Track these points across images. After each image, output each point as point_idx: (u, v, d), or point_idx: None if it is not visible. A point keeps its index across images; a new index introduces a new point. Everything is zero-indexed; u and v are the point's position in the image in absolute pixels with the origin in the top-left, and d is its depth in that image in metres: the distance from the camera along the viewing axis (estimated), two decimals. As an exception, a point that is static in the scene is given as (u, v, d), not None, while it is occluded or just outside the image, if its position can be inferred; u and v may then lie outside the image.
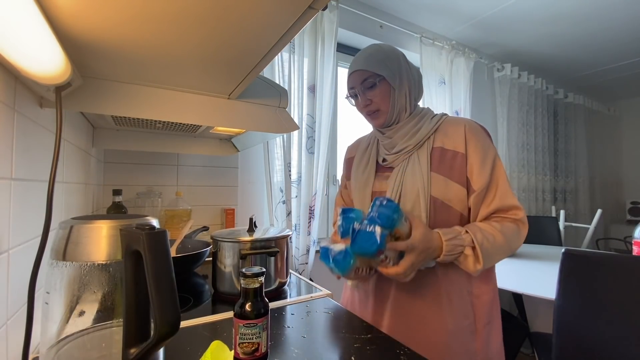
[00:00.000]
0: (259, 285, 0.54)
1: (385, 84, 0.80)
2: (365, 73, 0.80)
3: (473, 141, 0.75)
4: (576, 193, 3.45)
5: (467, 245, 0.69)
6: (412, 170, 0.78)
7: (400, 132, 0.81)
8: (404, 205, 0.77)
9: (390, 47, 0.84)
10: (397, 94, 0.80)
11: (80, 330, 0.42)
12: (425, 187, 0.75)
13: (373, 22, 2.04)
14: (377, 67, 0.79)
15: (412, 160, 0.79)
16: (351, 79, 0.84)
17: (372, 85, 0.80)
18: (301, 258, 1.63)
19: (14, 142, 0.51)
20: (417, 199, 0.76)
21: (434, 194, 0.75)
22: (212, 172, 1.56)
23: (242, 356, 0.52)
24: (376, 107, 0.81)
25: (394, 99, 0.80)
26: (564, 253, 1.07)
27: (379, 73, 0.79)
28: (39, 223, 0.46)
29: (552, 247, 2.15)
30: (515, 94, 2.76)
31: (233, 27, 0.48)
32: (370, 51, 0.82)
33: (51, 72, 0.47)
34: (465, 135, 0.76)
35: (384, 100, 0.80)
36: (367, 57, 0.81)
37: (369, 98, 0.81)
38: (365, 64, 0.80)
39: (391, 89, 0.80)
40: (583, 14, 2.15)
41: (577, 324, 1.04)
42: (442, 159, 0.77)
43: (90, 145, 1.12)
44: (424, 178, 0.76)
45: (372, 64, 0.80)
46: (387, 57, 0.80)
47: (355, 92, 0.83)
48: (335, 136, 1.99)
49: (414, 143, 0.79)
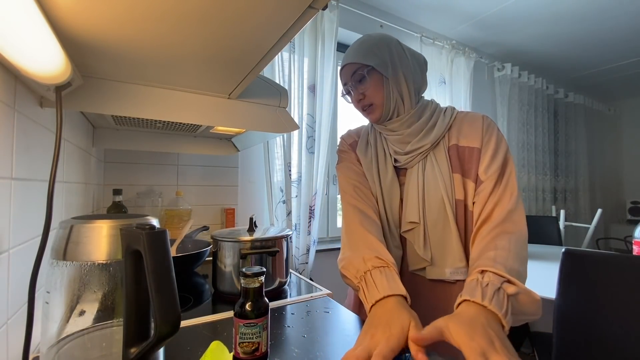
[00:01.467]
0: (259, 285, 0.54)
1: (375, 74, 0.72)
2: (354, 65, 0.74)
3: (489, 134, 0.69)
4: (576, 192, 3.45)
5: (501, 282, 0.54)
6: (433, 174, 0.71)
7: (411, 129, 0.73)
8: (429, 212, 0.69)
9: (380, 34, 0.77)
10: (391, 84, 0.72)
11: (81, 330, 0.42)
12: (449, 191, 0.68)
13: (373, 22, 2.04)
14: (364, 57, 0.72)
15: (429, 161, 0.72)
16: (342, 74, 0.78)
17: (361, 77, 0.73)
18: (301, 258, 1.63)
19: (14, 142, 0.51)
20: (442, 205, 0.69)
21: (458, 197, 0.68)
22: (212, 172, 1.56)
23: (243, 356, 0.52)
24: (369, 100, 0.74)
25: (388, 89, 0.72)
26: (564, 253, 1.07)
27: (366, 63, 0.72)
28: (39, 223, 0.46)
29: (552, 247, 2.15)
30: (516, 93, 2.76)
31: (233, 26, 0.48)
32: (360, 41, 0.76)
33: (51, 72, 0.47)
34: (482, 129, 0.70)
35: (376, 92, 0.73)
36: (355, 48, 0.75)
37: (361, 92, 0.75)
38: (353, 56, 0.74)
39: (383, 78, 0.72)
40: (583, 13, 2.14)
41: (577, 323, 1.04)
42: (459, 157, 0.70)
43: (91, 145, 1.12)
44: (445, 181, 0.69)
45: (360, 54, 0.73)
46: (374, 45, 0.73)
47: (348, 87, 0.78)
48: (336, 136, 1.99)
49: (430, 142, 0.71)
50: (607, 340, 0.99)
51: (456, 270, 0.67)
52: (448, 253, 0.68)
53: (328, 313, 0.81)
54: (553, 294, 1.08)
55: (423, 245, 0.70)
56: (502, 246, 0.59)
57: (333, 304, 0.86)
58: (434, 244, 0.70)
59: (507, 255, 0.57)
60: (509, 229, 0.61)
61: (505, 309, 0.49)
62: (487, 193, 0.65)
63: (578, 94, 3.48)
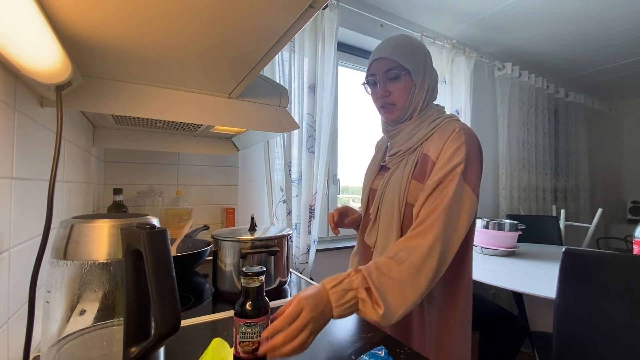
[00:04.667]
0: (259, 284, 0.54)
1: (408, 78, 0.76)
2: (391, 62, 0.76)
3: (447, 148, 0.70)
4: (577, 192, 3.45)
5: (358, 287, 0.58)
6: (396, 176, 0.78)
7: (401, 134, 0.80)
8: (383, 209, 0.79)
9: (420, 42, 0.81)
10: (416, 91, 0.77)
11: (81, 329, 0.42)
12: (402, 194, 0.75)
13: (374, 21, 2.03)
14: (404, 59, 0.75)
15: (401, 164, 0.79)
16: (374, 65, 0.79)
17: (396, 76, 0.76)
18: (301, 257, 1.63)
19: (14, 141, 0.51)
20: (393, 204, 0.76)
21: (409, 201, 0.74)
22: (212, 171, 1.56)
23: (243, 355, 0.52)
24: (393, 100, 0.78)
25: (413, 95, 0.77)
26: (564, 252, 1.07)
27: (405, 66, 0.75)
28: (40, 222, 0.46)
29: (553, 246, 2.14)
30: (516, 93, 2.76)
31: (233, 26, 0.48)
32: (400, 41, 0.78)
33: (51, 71, 0.47)
34: (445, 143, 0.71)
35: (403, 94, 0.77)
36: (396, 46, 0.77)
37: (389, 89, 0.78)
38: (393, 53, 0.76)
39: (413, 84, 0.77)
40: (583, 12, 2.14)
41: (578, 323, 1.04)
42: (422, 165, 0.74)
43: (91, 145, 1.12)
44: (402, 185, 0.75)
45: (401, 54, 0.75)
46: (416, 51, 0.77)
47: (375, 79, 0.79)
48: (336, 135, 1.99)
49: (406, 148, 0.78)
50: (607, 340, 0.99)
51: None
52: (389, 243, 0.76)
53: (328, 312, 0.81)
54: (553, 293, 1.08)
55: (369, 233, 0.83)
56: (397, 257, 0.63)
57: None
58: (381, 235, 0.79)
59: (392, 266, 0.61)
60: (413, 243, 0.64)
61: (341, 303, 0.56)
62: (420, 204, 0.70)
63: (579, 94, 3.47)
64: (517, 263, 1.63)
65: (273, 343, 0.50)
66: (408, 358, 0.59)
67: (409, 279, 0.60)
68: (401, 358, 0.59)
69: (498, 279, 1.34)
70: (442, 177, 0.68)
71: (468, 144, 0.70)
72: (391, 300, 0.58)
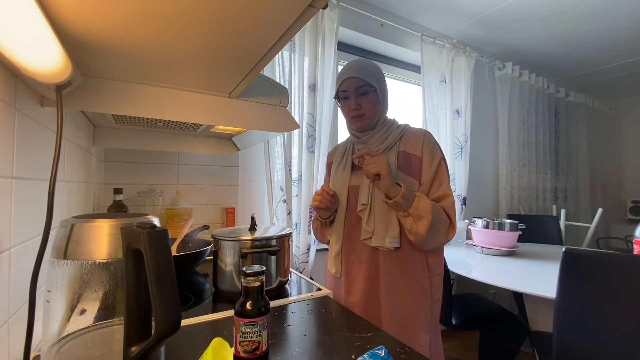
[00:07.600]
0: (259, 284, 0.54)
1: (374, 94, 0.95)
2: (361, 81, 0.93)
3: (428, 147, 0.93)
4: (577, 192, 3.44)
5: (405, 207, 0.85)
6: None
7: (373, 138, 0.97)
8: (376, 197, 0.93)
9: (376, 64, 1.00)
10: (380, 105, 0.96)
11: (82, 329, 0.42)
12: None
13: (374, 21, 2.03)
14: (371, 79, 0.94)
15: None
16: (345, 83, 0.95)
17: (365, 92, 0.94)
18: (302, 257, 1.63)
19: (15, 141, 0.51)
20: None
21: None
22: (212, 171, 1.56)
23: (243, 354, 0.52)
24: (363, 112, 0.95)
25: (377, 108, 0.96)
26: (564, 252, 1.07)
27: (372, 84, 0.94)
28: (40, 222, 0.46)
29: (553, 246, 2.14)
30: (516, 92, 2.75)
31: (233, 26, 0.48)
32: (365, 64, 0.97)
33: (52, 71, 0.47)
34: (423, 142, 0.93)
35: (371, 107, 0.95)
36: (362, 67, 0.95)
37: (359, 103, 0.94)
38: (362, 74, 0.93)
39: (378, 99, 0.96)
40: (584, 12, 2.14)
41: (578, 323, 1.04)
42: (405, 160, 0.93)
43: (91, 144, 1.12)
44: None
45: (368, 75, 0.94)
46: (378, 73, 0.97)
47: (347, 94, 0.96)
48: (336, 135, 1.99)
49: (384, 147, 0.95)
50: (607, 340, 0.99)
51: (393, 240, 0.90)
52: (389, 227, 0.91)
53: (329, 312, 0.81)
54: (553, 293, 1.09)
55: (367, 221, 0.94)
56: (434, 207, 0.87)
57: (333, 303, 0.86)
58: (378, 220, 0.92)
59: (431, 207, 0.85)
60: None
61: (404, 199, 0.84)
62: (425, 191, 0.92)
63: (579, 93, 3.47)
64: (517, 263, 1.63)
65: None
66: (408, 358, 0.59)
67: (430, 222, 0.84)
68: (401, 358, 0.59)
69: (498, 278, 1.35)
70: (437, 164, 0.92)
71: (436, 143, 0.96)
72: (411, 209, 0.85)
